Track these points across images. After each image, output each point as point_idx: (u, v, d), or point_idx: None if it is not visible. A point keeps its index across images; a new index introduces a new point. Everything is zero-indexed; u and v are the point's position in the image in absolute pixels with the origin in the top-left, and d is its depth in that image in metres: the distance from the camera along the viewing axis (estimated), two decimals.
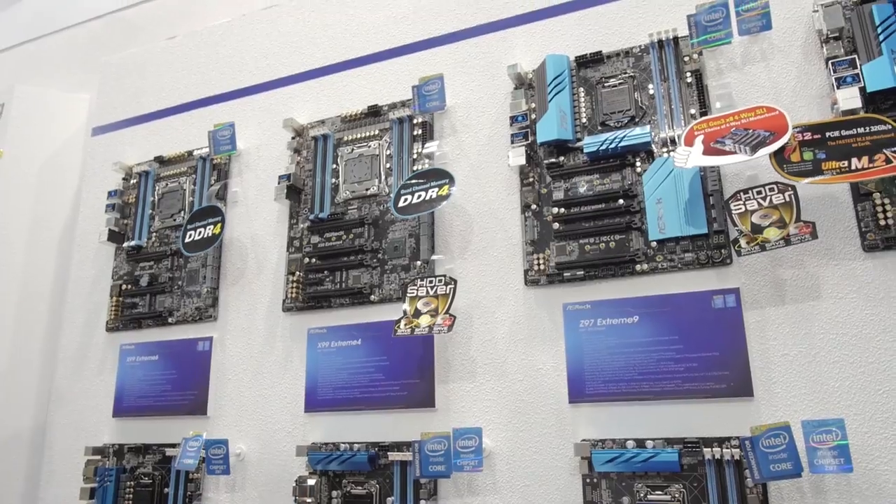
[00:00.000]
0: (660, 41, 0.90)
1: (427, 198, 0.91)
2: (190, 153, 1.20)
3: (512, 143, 0.92)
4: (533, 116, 0.94)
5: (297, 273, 1.03)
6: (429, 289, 0.88)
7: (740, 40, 0.85)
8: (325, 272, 1.02)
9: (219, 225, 1.06)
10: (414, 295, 0.89)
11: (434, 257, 0.95)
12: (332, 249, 1.02)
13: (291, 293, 1.02)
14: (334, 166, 1.07)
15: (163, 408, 1.09)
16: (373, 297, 0.98)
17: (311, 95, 1.14)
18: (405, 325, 0.87)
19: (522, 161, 0.90)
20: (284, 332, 1.03)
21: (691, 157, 0.77)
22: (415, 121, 1.03)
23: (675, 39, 0.89)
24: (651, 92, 0.89)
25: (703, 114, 0.85)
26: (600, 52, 0.93)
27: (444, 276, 0.88)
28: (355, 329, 0.98)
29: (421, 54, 1.07)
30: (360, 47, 1.12)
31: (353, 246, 1.01)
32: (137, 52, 1.34)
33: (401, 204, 0.92)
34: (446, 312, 0.86)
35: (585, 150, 0.88)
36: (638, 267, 0.84)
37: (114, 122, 1.31)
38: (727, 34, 0.83)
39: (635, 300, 0.83)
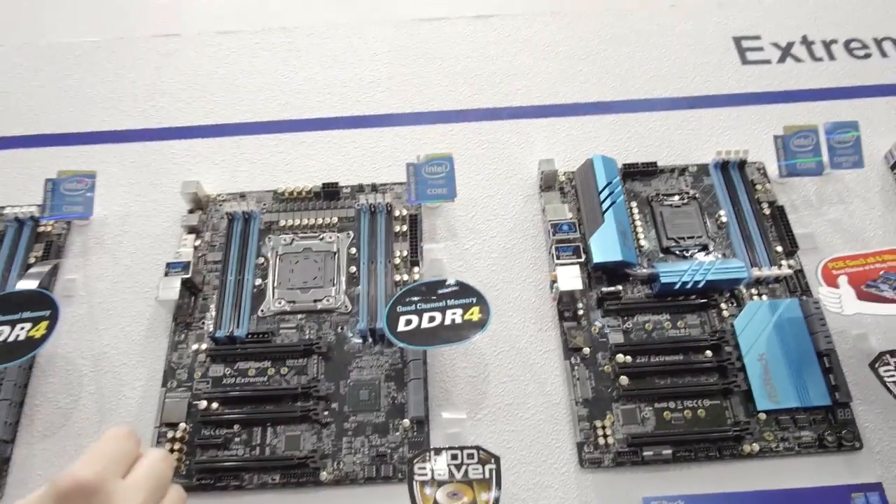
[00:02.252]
0: (724, 162, 0.74)
1: (445, 322, 0.59)
2: None
3: (557, 259, 0.66)
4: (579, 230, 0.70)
5: (181, 427, 0.61)
6: (453, 470, 0.54)
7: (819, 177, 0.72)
8: (236, 428, 0.62)
9: (43, 325, 0.61)
10: (427, 478, 0.54)
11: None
12: (250, 389, 0.63)
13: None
14: (260, 261, 0.70)
15: None
16: (324, 474, 0.60)
17: (226, 157, 0.78)
18: None
19: (579, 285, 0.64)
20: None
21: (847, 302, 0.58)
22: (396, 213, 0.72)
23: (743, 163, 0.74)
24: (724, 219, 0.71)
25: (790, 253, 0.69)
26: (655, 163, 0.74)
27: (478, 449, 0.55)
28: None
29: (399, 130, 0.80)
30: (312, 106, 0.81)
31: (289, 387, 0.63)
32: None
33: (402, 327, 0.59)
34: None
35: (662, 281, 0.65)
36: (746, 448, 0.60)
37: None
38: (818, 164, 0.70)
39: (748, 496, 0.58)
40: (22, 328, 0.61)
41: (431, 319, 0.59)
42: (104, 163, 0.78)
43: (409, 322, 0.59)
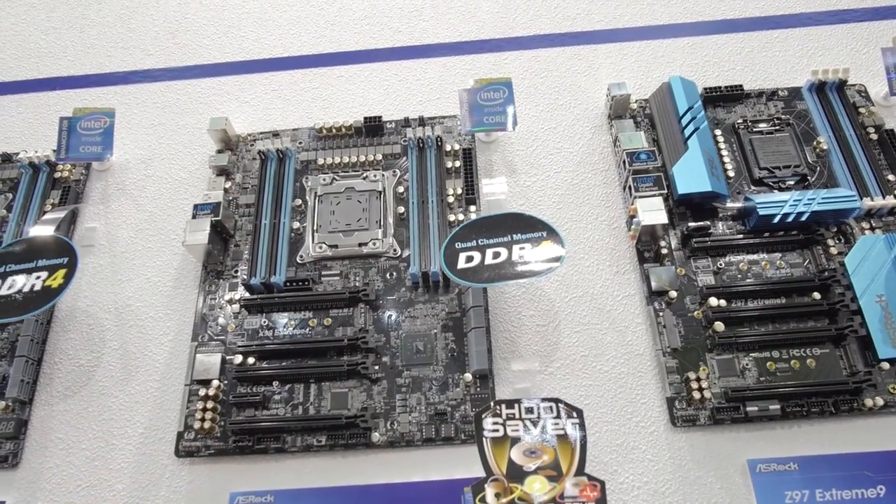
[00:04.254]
0: (821, 83, 0.64)
1: (513, 258, 0.51)
2: (8, 157, 0.67)
3: (636, 191, 0.57)
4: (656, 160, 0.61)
5: (214, 384, 0.55)
6: (530, 425, 0.46)
7: None
8: (275, 385, 0.55)
9: (61, 273, 0.54)
10: (500, 435, 0.46)
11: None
12: (290, 342, 0.56)
13: (199, 423, 0.53)
14: (297, 203, 0.63)
15: None
16: (376, 435, 0.52)
17: (257, 94, 0.71)
18: (496, 495, 0.43)
19: (664, 218, 0.55)
20: (177, 502, 0.52)
21: None
22: (447, 148, 0.65)
23: (843, 84, 0.64)
24: (824, 146, 0.62)
25: None
26: (740, 86, 0.65)
27: (557, 401, 0.47)
28: (338, 496, 0.51)
29: (447, 60, 0.71)
30: (349, 38, 0.74)
31: (334, 339, 0.56)
32: None
33: (462, 264, 0.51)
34: (581, 473, 0.44)
35: (760, 213, 0.56)
36: (868, 402, 0.51)
37: None
38: None
39: (873, 457, 0.50)
40: (38, 277, 0.55)
41: (496, 255, 0.51)
42: (124, 105, 0.71)
43: (469, 259, 0.52)
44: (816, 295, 0.55)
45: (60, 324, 0.59)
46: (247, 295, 0.58)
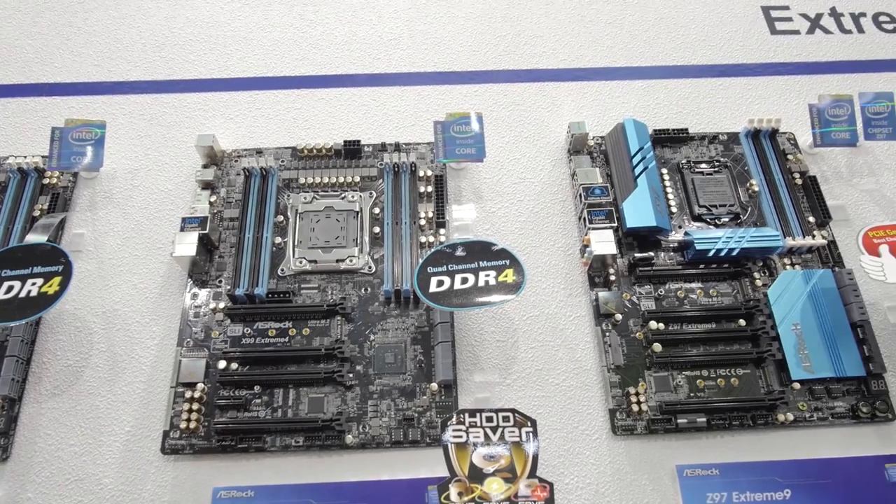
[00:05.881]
0: (756, 130, 0.72)
1: (479, 284, 0.57)
2: None
3: (589, 223, 0.64)
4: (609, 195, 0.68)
5: (199, 387, 0.59)
6: (489, 432, 0.52)
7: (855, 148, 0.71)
8: (256, 389, 0.60)
9: (56, 281, 0.58)
10: (462, 441, 0.52)
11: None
12: (271, 350, 0.61)
13: (185, 423, 0.57)
14: (279, 219, 0.68)
15: None
16: (349, 437, 0.58)
17: (241, 112, 0.75)
18: (460, 496, 0.49)
19: (614, 249, 0.62)
20: (162, 495, 0.56)
21: (889, 270, 0.57)
22: (420, 173, 0.70)
23: (774, 132, 0.72)
24: (755, 188, 0.70)
25: (823, 224, 0.68)
26: (686, 129, 0.72)
27: (513, 411, 0.53)
28: (313, 492, 0.56)
29: (422, 89, 0.77)
30: (330, 62, 0.78)
31: (311, 348, 0.61)
32: None
33: (434, 288, 0.57)
34: (532, 476, 0.50)
35: (697, 248, 0.63)
36: (780, 417, 0.59)
37: None
38: (852, 134, 0.69)
39: (782, 465, 0.57)
40: (34, 283, 0.58)
41: (464, 281, 0.57)
42: (111, 115, 0.74)
43: (440, 283, 0.57)
44: (742, 322, 0.62)
45: (49, 325, 0.63)
46: (230, 304, 0.63)
